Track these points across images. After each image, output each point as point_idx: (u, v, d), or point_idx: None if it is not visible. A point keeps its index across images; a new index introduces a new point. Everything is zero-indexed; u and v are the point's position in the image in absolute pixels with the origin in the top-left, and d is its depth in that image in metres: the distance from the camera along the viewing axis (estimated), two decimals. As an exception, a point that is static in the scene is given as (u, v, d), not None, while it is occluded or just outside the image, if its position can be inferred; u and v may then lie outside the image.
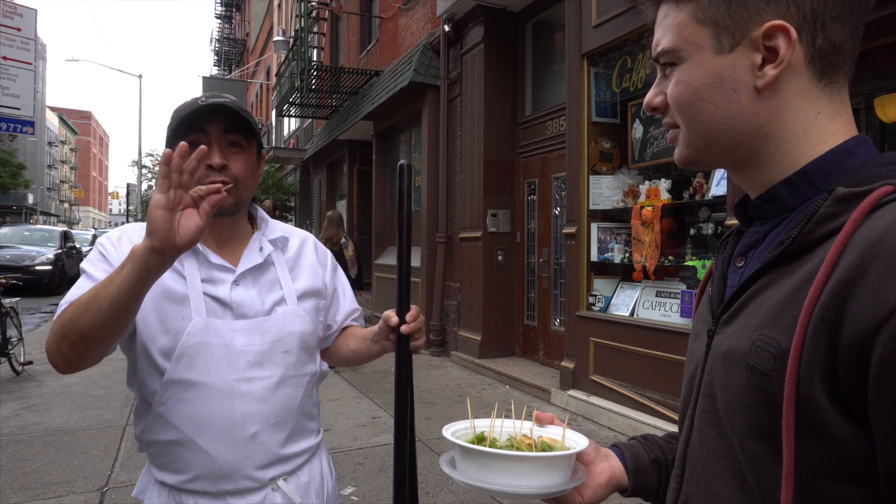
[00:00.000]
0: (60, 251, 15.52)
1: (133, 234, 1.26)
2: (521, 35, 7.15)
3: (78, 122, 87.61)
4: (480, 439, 0.86)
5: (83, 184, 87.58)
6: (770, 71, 0.65)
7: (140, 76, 24.77)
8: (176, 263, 1.19)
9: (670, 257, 4.69)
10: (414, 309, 1.16)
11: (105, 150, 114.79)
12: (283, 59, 13.97)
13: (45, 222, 50.38)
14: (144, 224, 1.18)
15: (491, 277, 7.15)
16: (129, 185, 25.31)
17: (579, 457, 0.86)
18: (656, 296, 4.83)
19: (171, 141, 1.21)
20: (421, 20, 8.79)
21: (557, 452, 0.80)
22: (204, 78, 19.39)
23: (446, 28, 7.57)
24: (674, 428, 4.59)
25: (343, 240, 7.30)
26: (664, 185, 4.72)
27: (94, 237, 22.50)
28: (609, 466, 0.87)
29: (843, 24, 0.64)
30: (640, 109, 5.00)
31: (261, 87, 25.17)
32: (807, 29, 0.63)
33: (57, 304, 1.20)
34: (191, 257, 1.25)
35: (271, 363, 1.24)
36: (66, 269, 15.77)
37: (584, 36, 5.35)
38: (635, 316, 4.95)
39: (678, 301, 4.56)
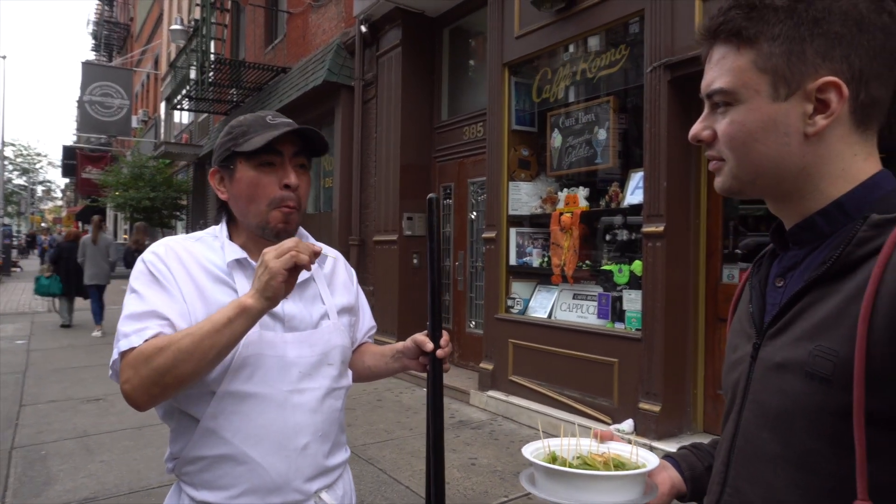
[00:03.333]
0: None
1: (179, 250, 1.24)
2: (439, 41, 7.22)
3: (-79, 104, 77.33)
4: (554, 458, 0.92)
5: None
6: (821, 121, 0.73)
7: (4, 57, 22.30)
8: (227, 278, 1.21)
9: (588, 262, 4.93)
10: (446, 335, 1.24)
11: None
12: (174, 47, 13.16)
13: None
14: (183, 238, 1.28)
15: (406, 281, 7.14)
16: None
17: None
18: (573, 298, 5.05)
19: (233, 157, 1.23)
20: (334, 18, 8.62)
21: (641, 470, 0.87)
22: (84, 64, 17.80)
23: (363, 29, 7.48)
24: (590, 423, 4.80)
25: (147, 242, 10.07)
26: (582, 192, 4.95)
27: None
28: (669, 476, 0.94)
29: (882, 82, 0.73)
30: (560, 119, 5.22)
31: (147, 76, 23.56)
32: (853, 85, 0.72)
33: None
34: (240, 272, 1.24)
35: (319, 375, 1.26)
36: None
37: (506, 46, 5.50)
38: (553, 318, 5.15)
39: (595, 303, 4.80)
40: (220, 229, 1.30)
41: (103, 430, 4.77)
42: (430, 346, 1.23)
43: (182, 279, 1.19)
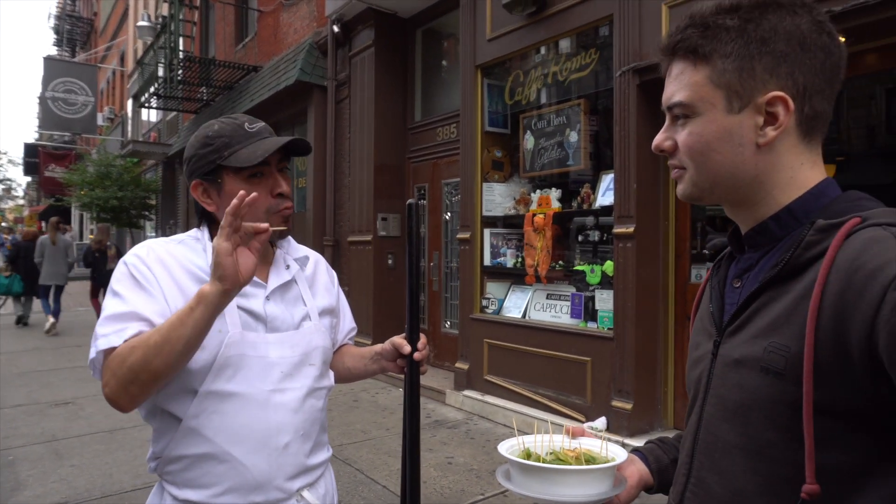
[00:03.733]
0: None
1: (161, 252, 1.25)
2: (412, 41, 7.23)
3: None
4: (528, 454, 0.96)
5: None
6: (771, 132, 0.79)
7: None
8: (207, 278, 1.22)
9: (560, 262, 5.01)
10: (423, 338, 1.30)
11: None
12: (140, 44, 12.91)
13: None
14: (165, 241, 1.28)
15: (381, 281, 7.16)
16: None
17: None
18: (547, 298, 5.13)
19: (219, 170, 1.24)
20: (305, 18, 8.57)
21: (610, 463, 0.91)
22: (46, 59, 17.35)
23: (335, 28, 7.46)
24: (565, 421, 4.90)
25: (108, 243, 11.11)
26: (555, 193, 5.03)
27: None
28: (637, 469, 0.99)
29: (824, 96, 0.80)
30: (532, 121, 5.29)
31: (113, 73, 23.05)
32: (798, 99, 0.79)
33: None
34: None
35: (300, 375, 1.29)
36: None
37: (478, 48, 5.55)
38: (527, 318, 5.22)
39: (568, 303, 4.88)
40: (202, 232, 1.32)
41: (73, 434, 4.69)
42: (407, 349, 1.28)
43: (164, 280, 1.21)
